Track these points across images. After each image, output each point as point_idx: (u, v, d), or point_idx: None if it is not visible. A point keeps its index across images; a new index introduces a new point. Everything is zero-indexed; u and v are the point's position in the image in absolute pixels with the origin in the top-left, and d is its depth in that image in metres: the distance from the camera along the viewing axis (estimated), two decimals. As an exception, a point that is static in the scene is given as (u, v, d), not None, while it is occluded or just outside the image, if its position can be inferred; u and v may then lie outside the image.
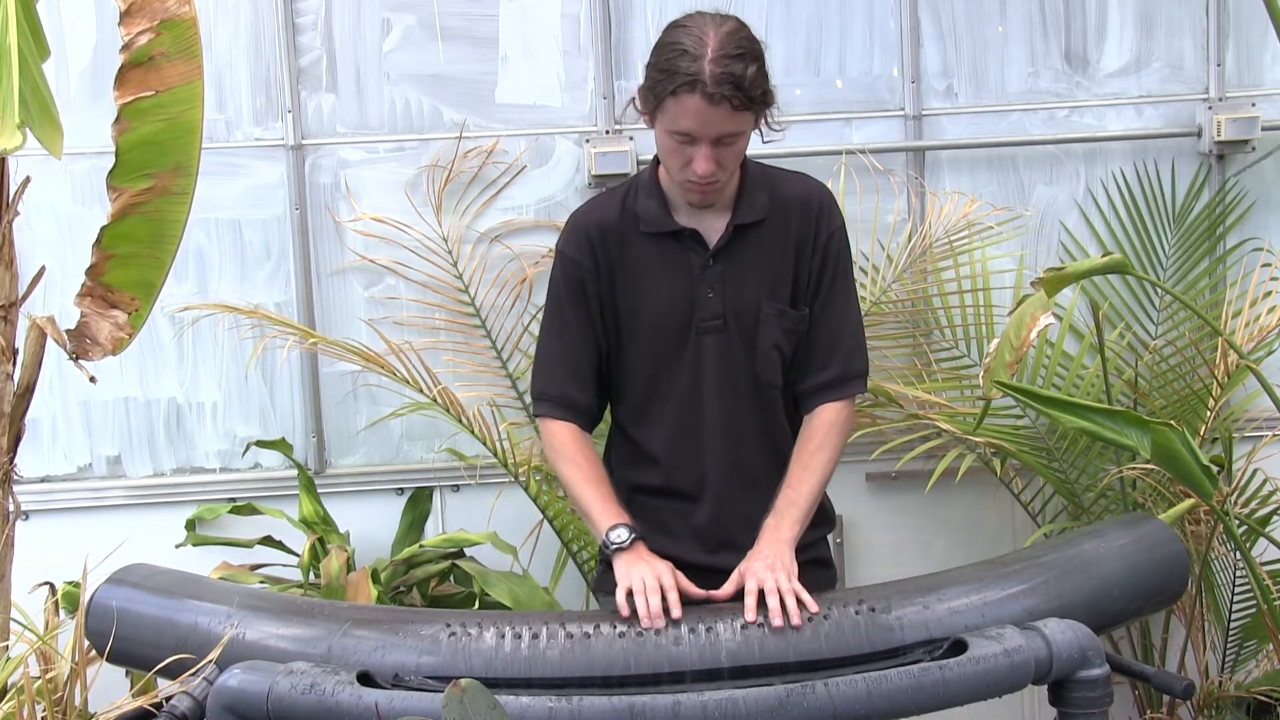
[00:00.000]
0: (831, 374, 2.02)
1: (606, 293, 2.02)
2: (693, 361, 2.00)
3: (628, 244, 2.01)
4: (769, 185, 2.02)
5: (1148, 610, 2.07)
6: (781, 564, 1.84)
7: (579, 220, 2.06)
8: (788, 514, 1.93)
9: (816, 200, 2.02)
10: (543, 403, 2.06)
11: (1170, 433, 1.97)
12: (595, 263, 2.01)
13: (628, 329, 2.03)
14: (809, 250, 2.01)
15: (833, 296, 2.02)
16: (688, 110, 1.81)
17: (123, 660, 1.88)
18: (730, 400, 2.01)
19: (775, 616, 1.76)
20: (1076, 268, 2.27)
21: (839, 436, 2.01)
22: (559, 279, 2.05)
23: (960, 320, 3.00)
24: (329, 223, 2.97)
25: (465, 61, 2.97)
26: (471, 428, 2.73)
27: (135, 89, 1.91)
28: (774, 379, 2.02)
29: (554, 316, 2.06)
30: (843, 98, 3.03)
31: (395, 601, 2.73)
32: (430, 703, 1.60)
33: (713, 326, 1.99)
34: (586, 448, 2.03)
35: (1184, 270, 3.08)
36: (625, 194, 2.05)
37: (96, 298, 2.02)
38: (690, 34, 1.82)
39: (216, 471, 3.01)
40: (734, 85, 1.78)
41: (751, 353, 2.00)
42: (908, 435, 2.88)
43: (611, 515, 1.93)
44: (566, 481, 2.01)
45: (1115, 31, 3.06)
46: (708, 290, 1.98)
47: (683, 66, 1.79)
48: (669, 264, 2.00)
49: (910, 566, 2.12)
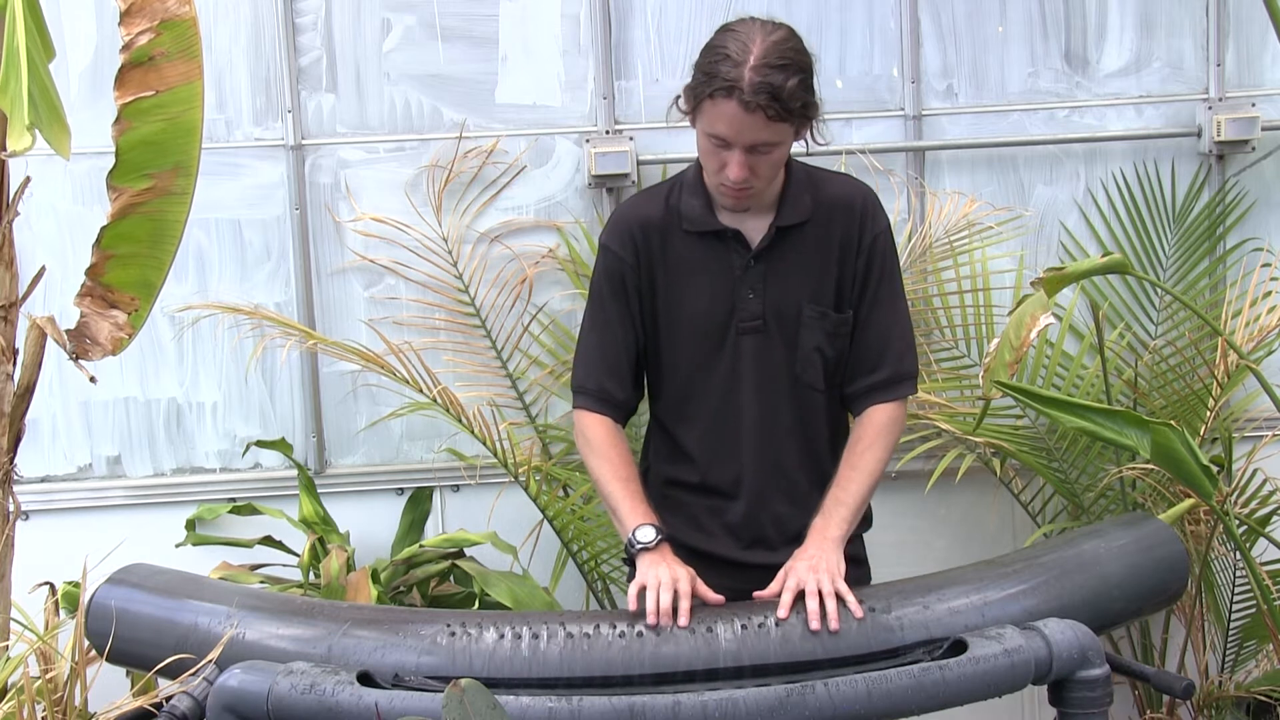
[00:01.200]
0: (882, 376, 2.02)
1: (647, 289, 2.02)
2: (731, 361, 2.00)
3: (670, 241, 2.01)
4: (813, 187, 2.01)
5: (1148, 610, 2.07)
6: (826, 565, 1.83)
7: (623, 215, 2.06)
8: (835, 513, 1.92)
9: (860, 202, 2.01)
10: (581, 395, 2.06)
11: (1170, 433, 1.97)
12: (637, 259, 2.01)
13: (667, 326, 2.03)
14: (853, 253, 2.00)
15: (880, 298, 2.02)
16: (723, 115, 1.81)
17: (123, 660, 1.88)
18: (769, 401, 2.01)
19: (813, 620, 1.76)
20: (1076, 268, 2.27)
21: (890, 437, 2.01)
22: (600, 273, 2.05)
23: (960, 320, 3.00)
24: (329, 223, 2.97)
25: (465, 61, 2.97)
26: (471, 428, 2.73)
27: (135, 89, 1.91)
28: (815, 381, 2.02)
29: (595, 310, 2.07)
30: (843, 98, 3.03)
31: (395, 601, 2.73)
32: (430, 703, 1.60)
33: (753, 327, 1.99)
34: (619, 443, 2.02)
35: (1184, 270, 3.08)
36: (670, 191, 2.05)
37: (96, 298, 2.02)
38: (737, 39, 1.82)
39: (216, 471, 3.01)
40: (771, 95, 1.78)
41: (792, 354, 2.00)
42: (908, 435, 2.87)
43: (639, 515, 1.93)
44: (595, 476, 2.01)
45: (1115, 31, 3.06)
46: (748, 291, 1.98)
47: (723, 71, 1.79)
48: (710, 263, 2.00)
49: (910, 566, 2.11)
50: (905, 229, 3.01)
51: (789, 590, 1.80)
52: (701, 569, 1.89)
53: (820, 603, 1.78)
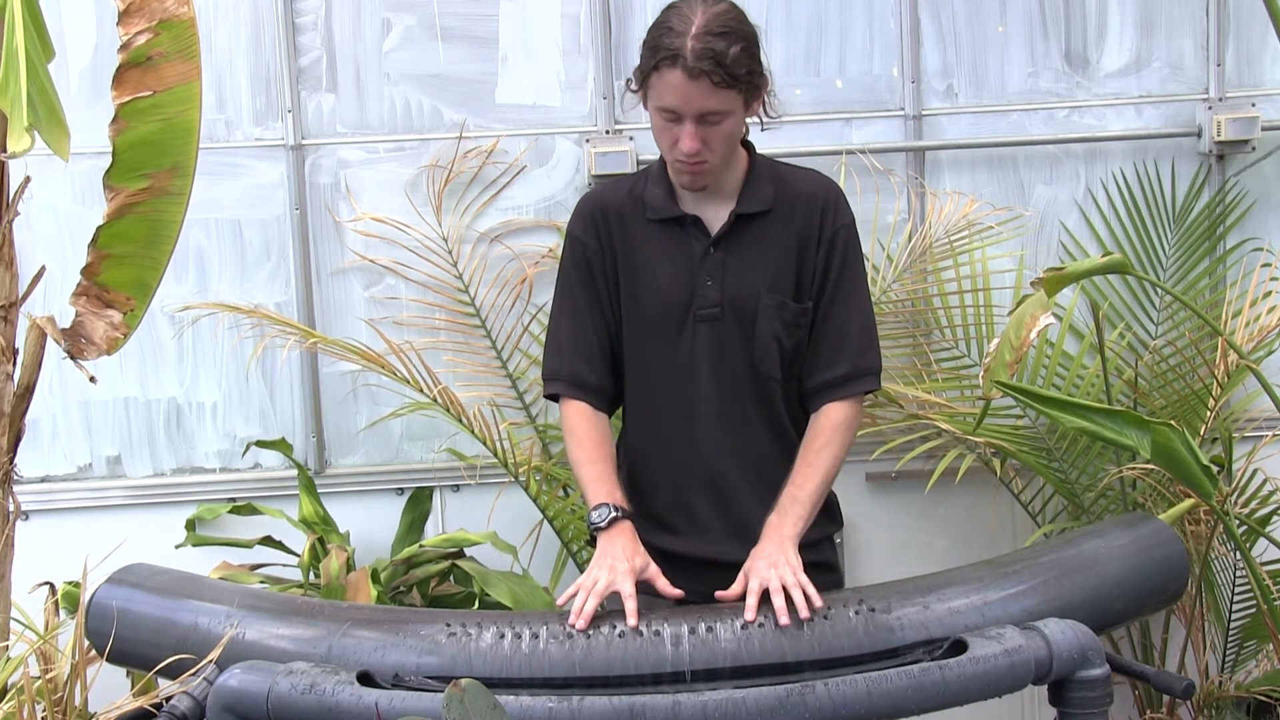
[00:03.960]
0: (839, 371, 2.01)
1: (611, 274, 2.04)
2: (689, 349, 2.01)
3: (632, 229, 2.02)
4: (777, 179, 2.02)
5: (1148, 610, 2.07)
6: (785, 560, 1.83)
7: (586, 202, 2.09)
8: (791, 511, 1.92)
9: (823, 196, 2.02)
10: (554, 382, 2.06)
11: (1170, 433, 1.97)
12: (600, 244, 2.03)
13: (630, 313, 2.04)
14: (814, 245, 2.00)
15: (839, 292, 2.01)
16: (670, 85, 1.84)
17: (123, 660, 1.88)
18: (726, 390, 2.01)
19: (781, 615, 1.76)
20: (1076, 268, 2.27)
21: (846, 435, 2.00)
22: (568, 259, 2.07)
23: (960, 320, 3.00)
24: (329, 223, 2.97)
25: (465, 61, 2.97)
26: (471, 428, 2.72)
27: (133, 89, 1.91)
28: (772, 371, 2.01)
29: (564, 297, 2.07)
30: (843, 98, 3.03)
31: (395, 601, 2.73)
32: (430, 703, 1.60)
33: (710, 315, 1.99)
34: (593, 425, 2.02)
35: (1184, 270, 3.08)
36: (635, 181, 2.07)
37: (92, 297, 2.01)
38: (679, 13, 1.85)
39: (216, 471, 3.01)
40: (714, 61, 1.80)
41: (749, 343, 2.00)
42: (908, 435, 2.88)
43: (600, 495, 1.92)
44: (570, 460, 2.02)
45: (1115, 31, 3.06)
46: (706, 278, 1.99)
47: (665, 43, 1.83)
48: (670, 250, 2.01)
49: (910, 566, 2.12)
50: (905, 229, 3.01)
51: (753, 593, 1.80)
52: (671, 573, 1.88)
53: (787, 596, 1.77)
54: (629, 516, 1.92)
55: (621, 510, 1.91)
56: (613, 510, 1.90)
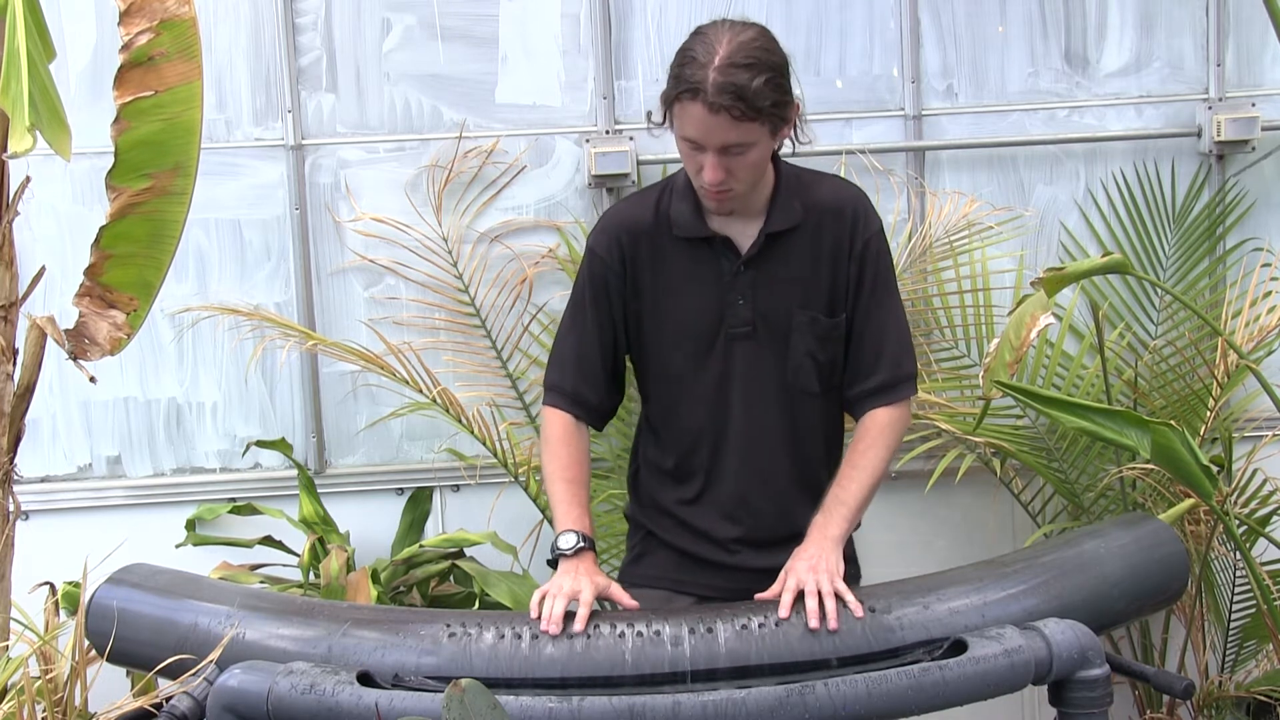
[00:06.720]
0: (879, 380, 2.00)
1: (631, 294, 2.01)
2: (721, 366, 1.99)
3: (659, 247, 2.00)
4: (802, 191, 1.99)
5: (1148, 610, 2.07)
6: (825, 564, 1.83)
7: (611, 220, 2.06)
8: (836, 512, 1.92)
9: (850, 206, 1.99)
10: (553, 393, 2.06)
11: (1170, 433, 1.97)
12: (623, 265, 2.00)
13: (654, 331, 2.02)
14: (845, 258, 1.98)
15: (875, 302, 2.00)
16: (691, 118, 1.81)
17: (123, 660, 1.88)
18: (758, 406, 2.00)
19: (812, 618, 1.76)
20: (1076, 268, 2.27)
21: (891, 436, 2.00)
22: (584, 276, 2.04)
23: (960, 320, 3.00)
24: (329, 223, 2.97)
25: (465, 61, 2.97)
26: (471, 428, 2.73)
27: (134, 89, 1.91)
28: (809, 386, 2.01)
29: (575, 312, 2.06)
30: (843, 98, 3.03)
31: (395, 601, 2.74)
32: (430, 703, 1.60)
33: (743, 333, 1.98)
34: (574, 441, 2.02)
35: (1184, 270, 3.08)
36: (660, 195, 2.03)
37: (95, 298, 2.02)
38: (704, 41, 1.81)
39: (216, 471, 3.01)
40: (735, 95, 1.76)
41: (782, 360, 1.99)
42: (908, 435, 2.85)
43: (570, 520, 1.92)
44: (544, 471, 2.01)
45: (1115, 31, 3.06)
46: (738, 297, 1.97)
47: (688, 74, 1.79)
48: (700, 269, 1.98)
49: (910, 566, 2.11)
50: (905, 229, 3.01)
51: (789, 590, 1.80)
52: (691, 570, 1.88)
53: (820, 602, 1.78)
54: (593, 548, 1.91)
55: (589, 541, 1.91)
56: (580, 540, 1.89)
